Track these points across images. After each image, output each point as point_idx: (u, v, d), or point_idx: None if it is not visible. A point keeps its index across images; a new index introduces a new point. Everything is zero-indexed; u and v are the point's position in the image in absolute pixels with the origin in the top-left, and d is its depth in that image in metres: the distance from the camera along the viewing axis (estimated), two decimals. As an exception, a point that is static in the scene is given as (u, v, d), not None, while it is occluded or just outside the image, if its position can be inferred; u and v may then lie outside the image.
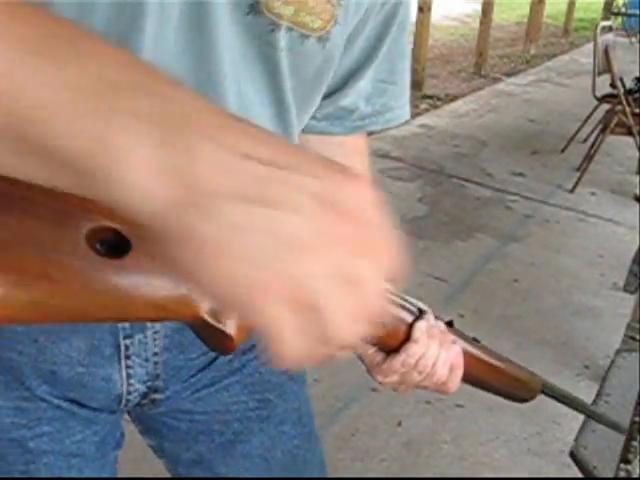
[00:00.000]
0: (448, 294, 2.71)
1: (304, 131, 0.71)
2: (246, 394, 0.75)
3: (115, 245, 0.44)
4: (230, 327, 0.50)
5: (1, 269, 0.39)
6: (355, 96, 0.69)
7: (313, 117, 0.70)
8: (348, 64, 0.66)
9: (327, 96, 0.68)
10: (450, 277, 2.81)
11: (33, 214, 0.41)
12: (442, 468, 1.84)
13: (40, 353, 0.63)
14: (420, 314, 0.66)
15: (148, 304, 0.45)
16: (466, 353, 0.70)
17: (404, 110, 0.73)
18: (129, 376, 0.67)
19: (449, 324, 0.70)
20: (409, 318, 0.65)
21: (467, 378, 0.71)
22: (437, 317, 0.68)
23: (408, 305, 0.66)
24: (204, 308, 0.48)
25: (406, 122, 0.93)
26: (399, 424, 1.99)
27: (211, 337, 0.51)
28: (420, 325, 0.65)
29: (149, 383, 0.69)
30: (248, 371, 0.75)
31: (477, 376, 0.74)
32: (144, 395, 0.70)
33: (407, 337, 0.64)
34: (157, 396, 0.71)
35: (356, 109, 0.70)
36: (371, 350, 0.66)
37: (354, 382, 2.14)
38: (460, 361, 0.68)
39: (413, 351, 0.64)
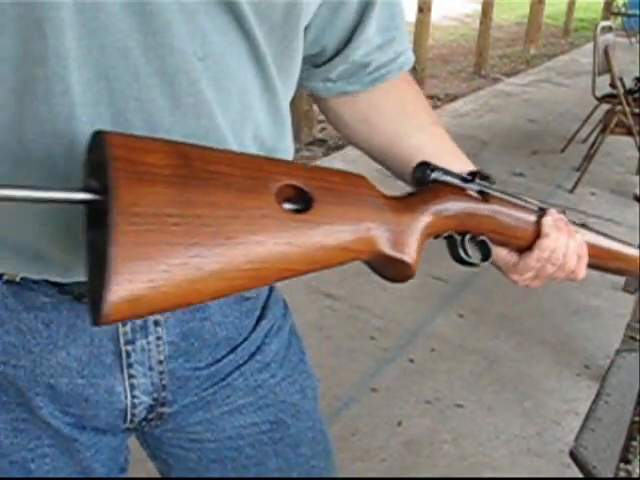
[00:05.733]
0: (448, 294, 2.71)
1: (324, 96, 0.72)
2: (259, 416, 0.72)
3: (295, 203, 0.48)
4: (409, 256, 0.55)
5: (216, 243, 0.43)
6: (365, 48, 0.68)
7: (328, 80, 0.70)
8: (349, 16, 0.65)
9: (337, 54, 0.68)
10: (450, 277, 2.81)
11: (224, 185, 0.44)
12: (442, 468, 1.84)
13: (36, 365, 0.60)
14: (542, 211, 0.70)
15: (338, 249, 0.50)
16: (586, 240, 0.74)
17: (410, 52, 0.74)
18: (132, 387, 0.63)
19: (563, 213, 0.74)
20: (535, 216, 0.69)
21: (589, 263, 0.75)
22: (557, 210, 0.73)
23: (530, 205, 0.70)
24: (383, 243, 0.53)
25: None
26: (399, 424, 1.99)
27: (391, 268, 0.56)
28: (547, 220, 0.69)
29: (155, 395, 0.65)
30: (264, 392, 0.72)
31: (596, 260, 0.77)
32: (150, 409, 0.66)
33: (537, 234, 0.69)
34: (165, 410, 0.67)
35: (370, 62, 0.69)
36: (504, 253, 0.70)
37: (354, 382, 2.15)
38: (584, 248, 0.72)
39: (545, 245, 0.68)
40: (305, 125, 4.44)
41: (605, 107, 4.17)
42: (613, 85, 4.03)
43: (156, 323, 0.62)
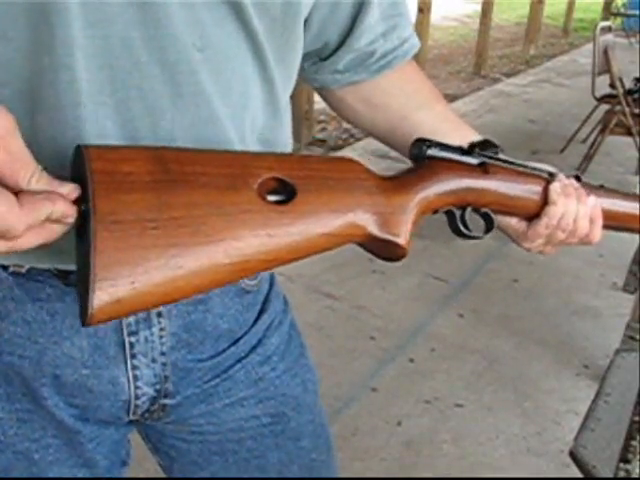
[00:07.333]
0: (448, 294, 2.71)
1: (332, 88, 0.72)
2: (260, 408, 0.72)
3: (280, 193, 0.50)
4: (399, 237, 0.56)
5: (195, 241, 0.45)
6: (368, 36, 0.68)
7: (336, 71, 0.71)
8: (348, 6, 0.66)
9: (341, 45, 0.68)
10: (450, 277, 2.81)
11: (200, 185, 0.46)
12: (442, 468, 1.84)
13: (42, 355, 0.61)
14: (551, 177, 0.69)
15: (322, 235, 0.51)
16: (603, 203, 0.73)
17: (415, 37, 0.74)
18: (136, 378, 0.64)
19: (577, 178, 0.72)
20: (542, 183, 0.68)
21: (605, 226, 0.73)
22: (567, 175, 0.72)
23: (538, 172, 0.69)
24: (371, 225, 0.54)
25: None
26: (399, 424, 1.99)
27: (383, 249, 0.56)
28: (555, 187, 0.67)
29: (158, 386, 0.66)
30: (264, 385, 0.72)
31: (616, 222, 0.76)
32: (153, 400, 0.67)
33: (545, 201, 0.68)
34: (167, 401, 0.68)
35: (374, 50, 0.70)
36: (514, 221, 0.70)
37: (354, 382, 2.15)
38: (598, 212, 0.71)
39: (553, 213, 0.67)
40: (305, 125, 4.44)
41: (605, 107, 4.17)
42: (613, 85, 4.03)
43: (159, 314, 0.63)
